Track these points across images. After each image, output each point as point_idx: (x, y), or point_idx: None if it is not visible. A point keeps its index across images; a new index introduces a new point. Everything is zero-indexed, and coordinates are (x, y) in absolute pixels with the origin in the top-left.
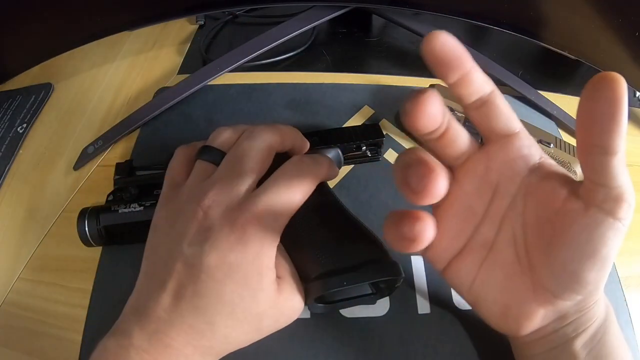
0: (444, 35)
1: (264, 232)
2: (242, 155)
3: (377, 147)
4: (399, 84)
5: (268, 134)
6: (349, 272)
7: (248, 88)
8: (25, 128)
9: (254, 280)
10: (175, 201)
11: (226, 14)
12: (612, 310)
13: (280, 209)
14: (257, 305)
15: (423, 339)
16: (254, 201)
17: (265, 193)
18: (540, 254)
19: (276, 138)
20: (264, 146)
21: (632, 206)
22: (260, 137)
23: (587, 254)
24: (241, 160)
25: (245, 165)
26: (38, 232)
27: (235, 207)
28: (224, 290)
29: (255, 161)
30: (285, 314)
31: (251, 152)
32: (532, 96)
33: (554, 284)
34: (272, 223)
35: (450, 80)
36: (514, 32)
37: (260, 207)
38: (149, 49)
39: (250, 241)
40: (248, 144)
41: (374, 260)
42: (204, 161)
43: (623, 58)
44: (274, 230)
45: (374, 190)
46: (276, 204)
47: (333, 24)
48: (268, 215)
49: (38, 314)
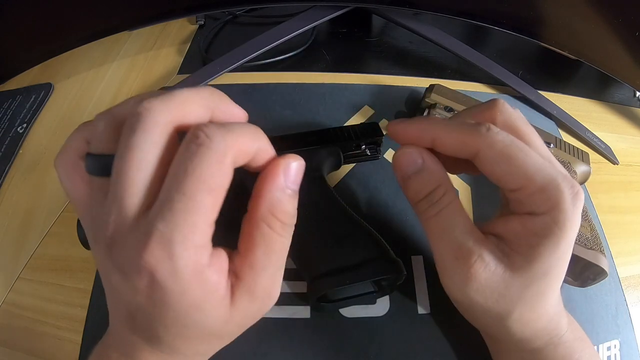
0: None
1: (175, 268)
2: (120, 163)
3: (376, 146)
4: (399, 84)
5: (157, 109)
6: (351, 271)
7: (248, 88)
8: (25, 128)
9: (190, 313)
10: (90, 229)
11: (226, 14)
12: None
13: (188, 228)
14: (209, 328)
15: (423, 339)
16: (150, 234)
17: (160, 216)
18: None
19: (171, 111)
20: (150, 129)
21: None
22: (145, 118)
23: None
24: (120, 171)
25: (126, 178)
26: (38, 232)
27: (133, 245)
28: (165, 323)
29: (136, 166)
30: (249, 318)
31: (131, 156)
32: (532, 96)
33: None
34: (183, 251)
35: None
36: (514, 32)
37: (158, 239)
38: (149, 49)
39: (165, 283)
40: (128, 135)
41: (375, 258)
42: (93, 176)
43: (623, 58)
44: (190, 255)
45: (374, 190)
46: (178, 225)
47: (333, 24)
48: (172, 244)
49: (38, 314)
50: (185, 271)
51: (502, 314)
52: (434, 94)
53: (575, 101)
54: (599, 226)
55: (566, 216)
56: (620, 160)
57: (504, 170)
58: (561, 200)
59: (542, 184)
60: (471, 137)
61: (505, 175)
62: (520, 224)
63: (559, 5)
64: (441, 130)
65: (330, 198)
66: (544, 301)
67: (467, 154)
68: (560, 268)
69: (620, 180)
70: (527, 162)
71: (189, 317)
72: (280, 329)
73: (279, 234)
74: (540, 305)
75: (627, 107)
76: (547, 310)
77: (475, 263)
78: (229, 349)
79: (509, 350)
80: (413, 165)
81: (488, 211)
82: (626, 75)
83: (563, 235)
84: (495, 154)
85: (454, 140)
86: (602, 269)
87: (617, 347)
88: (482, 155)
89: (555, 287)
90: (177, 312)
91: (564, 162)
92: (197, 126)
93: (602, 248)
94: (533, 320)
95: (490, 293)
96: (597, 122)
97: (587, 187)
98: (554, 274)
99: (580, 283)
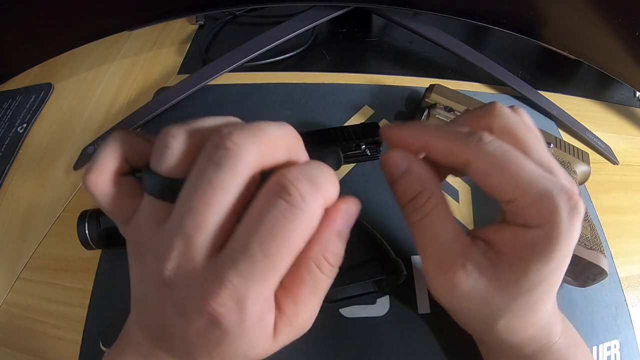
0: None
1: (243, 319)
2: (197, 200)
3: (376, 146)
4: (399, 84)
5: (249, 148)
6: (351, 271)
7: (248, 88)
8: (25, 128)
9: (241, 350)
10: (134, 255)
11: (226, 14)
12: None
13: (264, 285)
14: (250, 358)
15: (423, 339)
16: (221, 284)
17: (235, 269)
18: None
19: (261, 151)
20: (239, 170)
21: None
22: (235, 157)
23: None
24: (196, 208)
25: (201, 216)
26: (38, 232)
27: (200, 288)
28: (211, 355)
29: (216, 208)
30: (287, 343)
31: (212, 196)
32: (532, 96)
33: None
34: (254, 305)
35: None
36: (514, 32)
37: (231, 292)
38: (149, 49)
39: (228, 329)
40: (213, 171)
41: (375, 258)
42: (152, 197)
43: (623, 58)
44: (260, 308)
45: (374, 189)
46: (255, 282)
47: (333, 24)
48: (246, 299)
49: (38, 314)
50: (252, 320)
51: (488, 320)
52: (434, 94)
53: (575, 101)
54: (599, 226)
55: (560, 230)
56: (620, 160)
57: (496, 182)
58: (556, 214)
59: (536, 196)
60: (460, 148)
61: (498, 187)
62: (512, 234)
63: (559, 5)
64: (432, 138)
65: None
66: (535, 311)
67: (457, 163)
68: (555, 279)
69: (620, 180)
70: (520, 174)
71: (239, 353)
72: None
73: (326, 275)
74: (529, 316)
75: (627, 107)
76: (538, 320)
77: (457, 273)
78: None
79: (499, 356)
80: (398, 168)
81: (488, 212)
82: (626, 75)
83: (556, 249)
84: (486, 166)
85: (444, 150)
86: (602, 269)
87: (617, 347)
88: (472, 166)
89: (548, 297)
90: (230, 347)
91: (564, 162)
92: (287, 177)
93: (602, 248)
94: (521, 329)
95: (474, 300)
96: (597, 122)
97: (587, 187)
98: (547, 284)
99: (580, 283)
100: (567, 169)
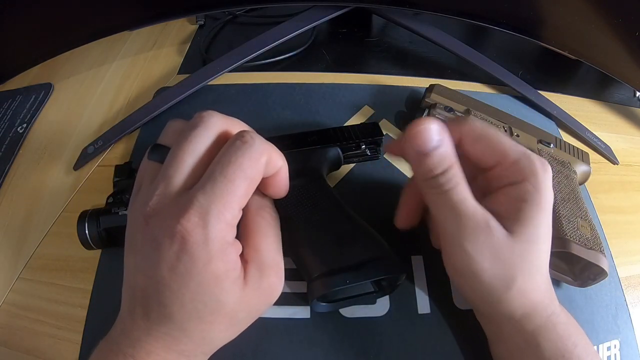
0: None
1: (206, 236)
2: (177, 149)
3: (376, 146)
4: (399, 84)
5: (215, 116)
6: (352, 271)
7: (248, 88)
8: (25, 128)
9: (211, 285)
10: (131, 210)
11: (226, 14)
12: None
13: (224, 204)
14: (224, 306)
15: (423, 339)
16: (190, 203)
17: (202, 190)
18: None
19: (224, 120)
20: (208, 127)
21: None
22: (204, 120)
23: None
24: (176, 155)
25: (179, 160)
26: (38, 232)
27: (173, 213)
28: (183, 299)
29: (190, 152)
30: (260, 302)
31: (188, 144)
32: (532, 96)
33: None
34: (216, 223)
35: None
36: (514, 32)
37: (197, 208)
38: (149, 49)
39: (195, 250)
40: (188, 134)
41: (376, 258)
42: (152, 161)
43: (623, 58)
44: (221, 228)
45: (374, 190)
46: (216, 200)
47: (333, 24)
48: (209, 214)
49: (38, 314)
50: (214, 242)
51: (507, 280)
52: (434, 94)
53: (575, 101)
54: (599, 226)
55: (540, 181)
56: (620, 160)
57: (483, 149)
58: (534, 168)
59: (515, 157)
60: (456, 126)
61: (484, 153)
62: (503, 195)
63: (559, 5)
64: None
65: (330, 198)
66: (540, 270)
67: (455, 140)
68: (546, 235)
69: (620, 180)
70: (502, 141)
71: (207, 291)
72: (280, 329)
73: (272, 217)
74: (538, 273)
75: (627, 107)
76: (542, 281)
77: (487, 227)
78: (229, 348)
79: (509, 334)
80: (430, 142)
81: None
82: (626, 75)
83: (542, 198)
84: (476, 135)
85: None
86: (602, 269)
87: (617, 347)
88: (464, 139)
89: (545, 256)
90: (198, 283)
91: (564, 162)
92: (243, 130)
93: (602, 248)
94: (532, 290)
95: (497, 258)
96: (597, 122)
97: (587, 187)
98: (542, 240)
99: (580, 283)
100: (567, 169)
